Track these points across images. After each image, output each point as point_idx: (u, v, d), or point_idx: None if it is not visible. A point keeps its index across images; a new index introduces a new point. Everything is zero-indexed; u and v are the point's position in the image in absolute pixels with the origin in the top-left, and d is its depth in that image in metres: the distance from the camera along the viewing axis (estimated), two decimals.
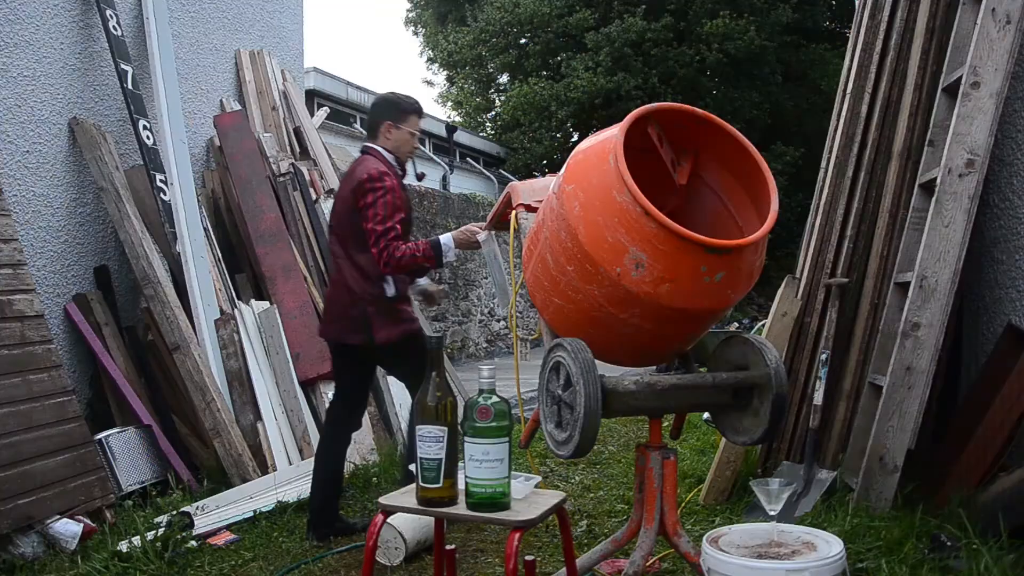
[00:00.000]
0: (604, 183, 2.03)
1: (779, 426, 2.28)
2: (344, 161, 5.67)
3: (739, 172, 2.24)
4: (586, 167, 2.12)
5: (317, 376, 4.32)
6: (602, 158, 2.07)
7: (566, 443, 2.10)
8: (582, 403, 2.02)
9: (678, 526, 2.26)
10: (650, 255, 1.97)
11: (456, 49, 19.57)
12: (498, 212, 2.82)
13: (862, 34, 3.71)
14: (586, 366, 2.03)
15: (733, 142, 2.19)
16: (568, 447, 2.09)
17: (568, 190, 2.12)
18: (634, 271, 1.98)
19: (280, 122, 5.53)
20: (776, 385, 2.17)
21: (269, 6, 6.02)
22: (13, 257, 3.50)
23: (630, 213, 1.97)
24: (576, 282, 2.09)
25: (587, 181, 2.08)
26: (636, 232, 1.97)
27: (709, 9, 16.67)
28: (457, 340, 10.53)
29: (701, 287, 2.00)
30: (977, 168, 2.98)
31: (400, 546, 2.94)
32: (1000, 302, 3.28)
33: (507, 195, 2.71)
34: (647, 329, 2.10)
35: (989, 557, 2.45)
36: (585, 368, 2.03)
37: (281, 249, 4.68)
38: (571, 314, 2.17)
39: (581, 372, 2.03)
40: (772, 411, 2.19)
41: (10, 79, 4.01)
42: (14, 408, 3.21)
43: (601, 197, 2.03)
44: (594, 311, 2.09)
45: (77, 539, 3.10)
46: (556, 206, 2.15)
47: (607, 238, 2.00)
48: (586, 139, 2.30)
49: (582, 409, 2.02)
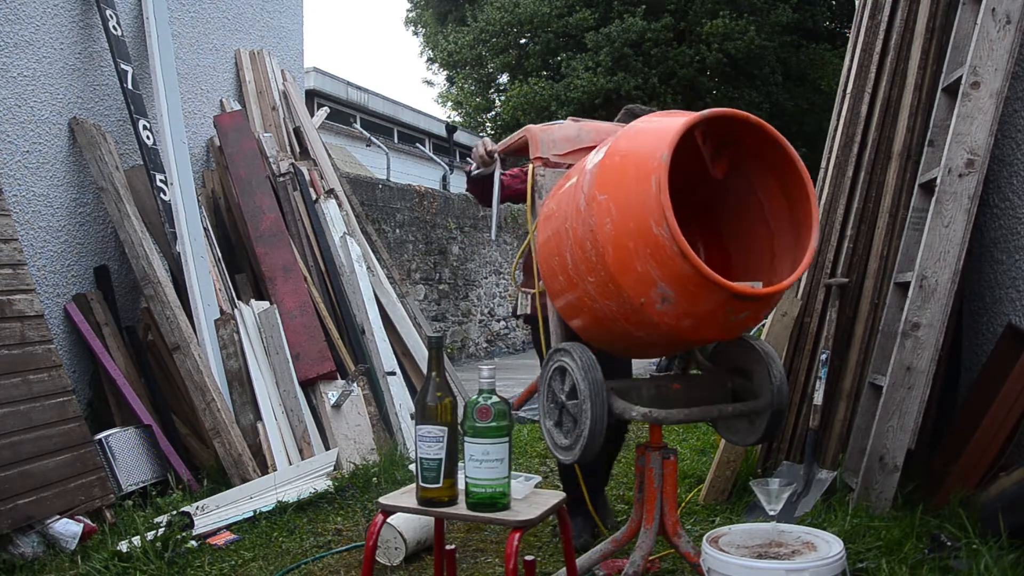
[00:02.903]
0: (642, 208, 1.86)
1: (773, 436, 2.31)
2: (344, 161, 5.66)
3: (784, 183, 2.09)
4: (623, 179, 1.92)
5: (317, 376, 4.31)
6: (643, 175, 1.87)
7: (567, 450, 2.13)
8: (587, 425, 2.03)
9: (678, 526, 2.26)
10: (679, 293, 1.88)
11: (456, 49, 19.57)
12: (512, 147, 2.65)
13: (862, 34, 3.71)
14: (595, 387, 2.02)
15: (785, 156, 2.04)
16: (569, 455, 2.12)
17: (600, 200, 1.94)
18: (659, 304, 1.90)
19: (280, 122, 5.53)
20: (776, 403, 2.19)
21: (269, 6, 6.02)
22: (13, 257, 3.50)
23: (666, 250, 1.83)
24: (594, 293, 2.03)
25: (623, 198, 1.91)
26: (669, 269, 1.86)
27: (709, 9, 16.66)
28: (457, 340, 10.53)
29: (723, 323, 1.98)
30: (977, 168, 2.98)
31: (400, 546, 2.94)
32: (1000, 302, 3.28)
33: (523, 138, 2.54)
34: (658, 344, 2.12)
35: (989, 557, 2.45)
36: (594, 390, 2.02)
37: (281, 249, 4.68)
38: (582, 313, 2.15)
39: (590, 393, 2.02)
40: (767, 425, 2.23)
41: (10, 79, 4.01)
42: (14, 408, 3.21)
43: (636, 222, 1.87)
44: (608, 320, 2.07)
45: (77, 539, 3.10)
46: (584, 211, 2.00)
47: (636, 267, 1.89)
48: (626, 131, 2.06)
49: (587, 430, 2.03)
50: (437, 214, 10.19)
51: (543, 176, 2.42)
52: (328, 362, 4.36)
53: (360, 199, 7.97)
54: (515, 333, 12.25)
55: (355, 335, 4.76)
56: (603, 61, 16.47)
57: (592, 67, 16.59)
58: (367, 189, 8.76)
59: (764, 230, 2.16)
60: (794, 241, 2.07)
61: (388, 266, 5.35)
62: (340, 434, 4.18)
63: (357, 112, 14.51)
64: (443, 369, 1.97)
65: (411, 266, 9.54)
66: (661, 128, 1.94)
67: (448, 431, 1.92)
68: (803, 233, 2.02)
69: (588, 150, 2.42)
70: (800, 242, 2.03)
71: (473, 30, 19.11)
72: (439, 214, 10.24)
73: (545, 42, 18.17)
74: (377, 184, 9.16)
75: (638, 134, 2.00)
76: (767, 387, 2.20)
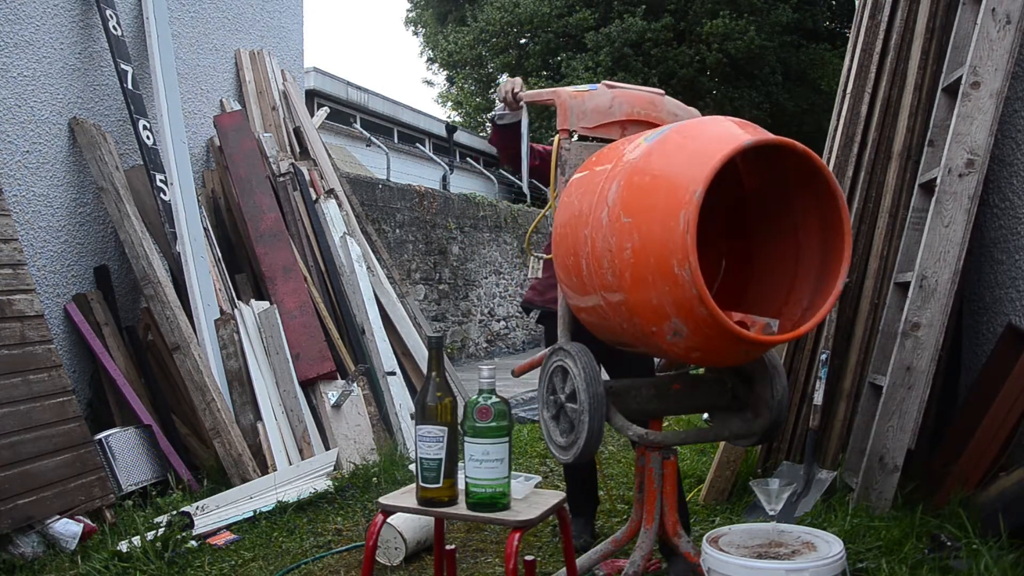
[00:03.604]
0: (666, 244, 1.76)
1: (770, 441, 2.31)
2: (344, 161, 5.67)
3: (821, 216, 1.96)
4: (651, 207, 1.81)
5: (317, 376, 4.32)
6: (671, 207, 1.76)
7: (564, 450, 2.14)
8: (584, 435, 2.04)
9: (678, 526, 2.26)
10: (692, 330, 1.83)
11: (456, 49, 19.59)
12: (539, 102, 2.54)
13: (862, 34, 3.71)
14: (596, 400, 2.01)
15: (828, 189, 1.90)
16: (565, 456, 2.13)
17: (624, 224, 1.85)
18: (670, 336, 1.87)
19: (280, 122, 5.53)
20: (774, 419, 2.20)
21: (269, 6, 6.02)
22: (13, 257, 3.50)
23: (685, 291, 1.76)
24: (605, 308, 2.00)
25: (648, 228, 1.80)
26: (685, 309, 1.79)
27: (709, 9, 16.68)
28: (457, 340, 10.53)
29: (733, 357, 1.99)
30: (977, 168, 2.98)
31: (400, 546, 2.94)
32: (1000, 302, 3.28)
33: (550, 100, 2.42)
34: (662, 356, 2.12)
35: (989, 557, 2.45)
36: (594, 404, 2.01)
37: (281, 249, 4.68)
38: (591, 315, 2.13)
39: (589, 407, 2.02)
40: (762, 434, 2.23)
41: (10, 79, 4.01)
42: (14, 408, 3.21)
43: (658, 257, 1.78)
44: (616, 331, 2.05)
45: (77, 539, 3.10)
46: (606, 227, 1.90)
47: (652, 300, 1.83)
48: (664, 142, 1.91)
49: (583, 440, 2.04)
50: (437, 214, 10.19)
51: (568, 150, 2.31)
52: (328, 362, 4.36)
53: (360, 199, 7.97)
54: (515, 333, 12.25)
55: (355, 335, 4.76)
56: (603, 61, 16.48)
57: (592, 67, 16.60)
58: (367, 189, 8.76)
59: (791, 253, 2.09)
60: (817, 276, 2.00)
61: (388, 266, 5.35)
62: (340, 434, 4.19)
63: (357, 112, 14.50)
64: (443, 369, 1.97)
65: (411, 266, 9.54)
66: (700, 151, 1.82)
67: (448, 431, 1.92)
68: (829, 271, 1.94)
69: (619, 124, 2.35)
70: (824, 280, 1.95)
71: (473, 30, 19.12)
72: (439, 214, 10.24)
73: (545, 42, 18.18)
74: (377, 184, 9.16)
75: (675, 152, 1.87)
76: (768, 401, 2.19)
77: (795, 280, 2.06)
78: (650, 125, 2.34)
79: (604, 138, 2.36)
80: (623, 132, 2.35)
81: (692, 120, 2.06)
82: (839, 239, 1.92)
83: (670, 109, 2.43)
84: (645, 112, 2.38)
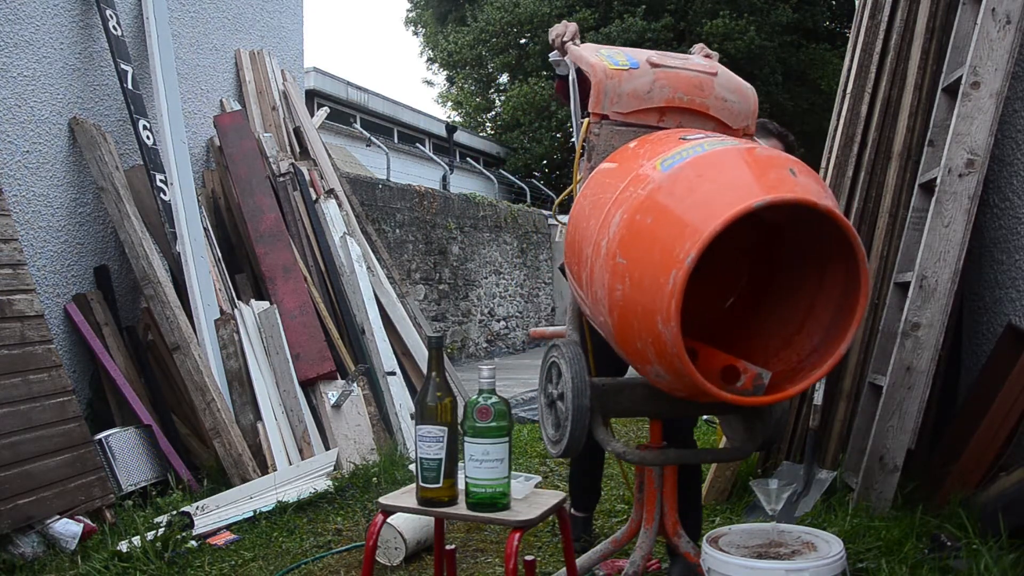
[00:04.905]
0: (653, 299, 1.67)
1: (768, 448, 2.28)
2: (344, 161, 5.67)
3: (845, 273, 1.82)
4: (646, 255, 1.70)
5: (317, 376, 4.32)
6: (664, 262, 1.66)
7: (554, 444, 2.15)
8: (566, 440, 2.04)
9: (678, 526, 2.26)
10: (673, 379, 1.79)
11: (456, 49, 19.59)
12: (577, 63, 2.32)
13: (862, 34, 3.71)
14: (579, 413, 2.01)
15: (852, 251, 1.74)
16: (555, 449, 2.13)
17: (619, 264, 1.75)
18: (654, 376, 1.84)
19: (280, 122, 5.54)
20: (772, 437, 2.17)
21: (269, 6, 6.02)
22: (13, 257, 3.50)
23: (667, 348, 1.68)
24: (600, 323, 1.95)
25: (639, 275, 1.71)
26: (666, 361, 1.73)
27: (709, 9, 16.69)
28: (457, 340, 10.53)
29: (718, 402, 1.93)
30: (977, 168, 2.98)
31: (400, 546, 2.94)
32: (1000, 302, 3.28)
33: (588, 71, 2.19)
34: None
35: (989, 557, 2.45)
36: (576, 417, 2.01)
37: (281, 249, 4.68)
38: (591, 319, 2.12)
39: (572, 419, 2.02)
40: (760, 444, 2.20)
41: (10, 79, 4.01)
42: (14, 408, 3.21)
43: (644, 307, 1.70)
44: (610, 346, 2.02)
45: (77, 539, 3.10)
46: (603, 258, 1.80)
47: (637, 344, 1.77)
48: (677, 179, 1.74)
49: (565, 443, 2.05)
50: (437, 214, 10.19)
51: (597, 135, 2.12)
52: (328, 362, 4.36)
53: (360, 199, 7.98)
54: (515, 333, 12.25)
55: (355, 335, 4.77)
56: None
57: None
58: (367, 189, 8.76)
59: (811, 288, 1.95)
60: (825, 330, 1.89)
61: (388, 266, 5.35)
62: (340, 434, 4.19)
63: (357, 112, 14.51)
64: (443, 369, 1.97)
65: (411, 266, 9.54)
66: (706, 203, 1.67)
67: (448, 431, 1.92)
68: (836, 330, 1.84)
69: (658, 111, 2.15)
70: (831, 337, 1.85)
71: (473, 30, 19.13)
72: (439, 214, 10.24)
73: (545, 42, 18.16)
74: (377, 184, 9.16)
75: (684, 195, 1.72)
76: (767, 418, 2.14)
77: (803, 323, 1.97)
78: (692, 113, 2.16)
79: (638, 124, 2.16)
80: (661, 119, 2.15)
81: (717, 149, 1.81)
82: (853, 294, 1.79)
83: (719, 94, 2.18)
84: (689, 98, 2.15)
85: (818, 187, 1.77)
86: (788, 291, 2.04)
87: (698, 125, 2.16)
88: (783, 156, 1.84)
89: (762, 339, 2.06)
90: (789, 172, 1.75)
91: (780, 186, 1.70)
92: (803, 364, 1.91)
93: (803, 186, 1.72)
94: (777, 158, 1.80)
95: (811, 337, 1.92)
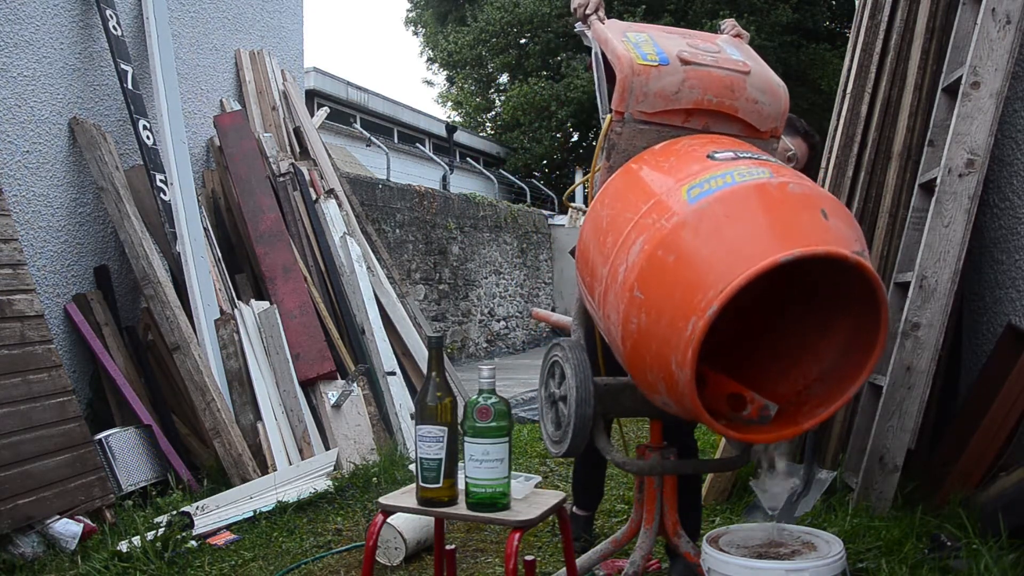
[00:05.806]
0: (669, 340, 1.64)
1: None
2: (344, 161, 5.67)
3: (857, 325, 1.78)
4: (667, 294, 1.65)
5: (317, 376, 4.32)
6: (684, 306, 1.61)
7: (555, 444, 2.14)
8: (568, 442, 2.04)
9: (678, 526, 2.26)
10: (680, 411, 1.79)
11: (456, 49, 19.59)
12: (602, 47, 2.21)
13: (862, 34, 3.71)
14: (581, 421, 2.00)
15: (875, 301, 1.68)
16: (556, 449, 2.13)
17: (637, 298, 1.70)
18: (660, 403, 1.84)
19: (280, 122, 5.54)
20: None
21: (269, 6, 6.02)
22: (13, 257, 3.50)
23: (678, 387, 1.67)
24: (612, 347, 1.93)
25: (656, 313, 1.67)
26: (676, 398, 1.72)
27: (709, 9, 16.69)
28: (457, 340, 10.53)
29: None
30: (977, 168, 2.98)
31: (400, 546, 2.94)
32: (1000, 302, 3.28)
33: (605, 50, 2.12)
34: None
35: (989, 557, 2.45)
36: (579, 425, 2.01)
37: (281, 249, 4.68)
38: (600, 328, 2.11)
39: (574, 426, 2.02)
40: None
41: (10, 79, 4.01)
42: (14, 408, 3.21)
43: (659, 345, 1.67)
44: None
45: (77, 539, 3.10)
46: (619, 286, 1.76)
47: (647, 376, 1.76)
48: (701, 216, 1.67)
49: (567, 446, 2.05)
50: (437, 214, 10.19)
51: (619, 134, 2.04)
52: (328, 362, 4.36)
53: (360, 199, 7.97)
54: (515, 333, 12.25)
55: (355, 335, 4.77)
56: None
57: None
58: (367, 189, 8.76)
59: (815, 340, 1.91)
60: (834, 371, 1.85)
61: (388, 266, 5.35)
62: (340, 434, 4.19)
63: (357, 112, 14.52)
64: (443, 369, 1.97)
65: (411, 266, 9.54)
66: (733, 250, 1.61)
67: (448, 431, 1.92)
68: (845, 376, 1.79)
69: (686, 112, 2.06)
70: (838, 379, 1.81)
71: (473, 30, 19.13)
72: (439, 214, 10.24)
73: (545, 42, 18.19)
74: (377, 184, 9.16)
75: (709, 235, 1.65)
76: None
77: (809, 364, 1.92)
78: (720, 115, 2.08)
79: (662, 124, 2.08)
80: (687, 119, 2.07)
81: (747, 184, 1.71)
82: (869, 343, 1.74)
83: (750, 95, 2.08)
84: (719, 100, 2.06)
85: (849, 230, 1.71)
86: (797, 322, 1.99)
87: (725, 127, 2.10)
88: (815, 193, 1.75)
89: (762, 364, 2.04)
90: (821, 214, 1.67)
91: (811, 234, 1.62)
92: (804, 395, 1.87)
93: (835, 231, 1.65)
94: (809, 197, 1.72)
95: (821, 361, 1.88)
